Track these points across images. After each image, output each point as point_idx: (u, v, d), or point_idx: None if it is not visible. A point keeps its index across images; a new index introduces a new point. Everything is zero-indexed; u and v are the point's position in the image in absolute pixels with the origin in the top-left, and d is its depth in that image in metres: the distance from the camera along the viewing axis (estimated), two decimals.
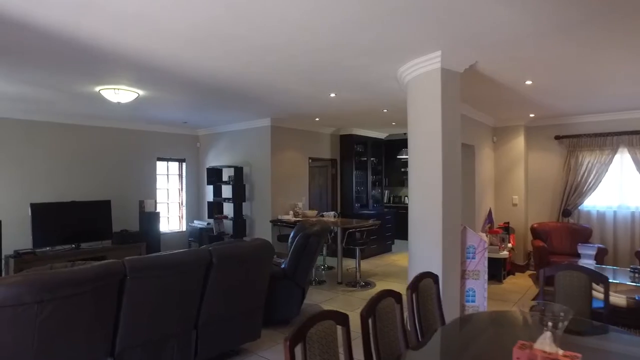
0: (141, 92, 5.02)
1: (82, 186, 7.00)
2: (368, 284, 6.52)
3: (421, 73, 3.98)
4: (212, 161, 8.53)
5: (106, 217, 6.56)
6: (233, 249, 3.31)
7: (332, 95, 5.30)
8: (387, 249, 9.12)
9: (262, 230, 7.58)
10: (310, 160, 8.31)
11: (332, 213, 8.01)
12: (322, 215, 7.99)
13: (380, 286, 6.44)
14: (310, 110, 6.51)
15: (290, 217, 7.48)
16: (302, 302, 4.77)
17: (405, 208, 11.52)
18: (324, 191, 9.08)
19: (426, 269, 3.88)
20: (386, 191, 10.48)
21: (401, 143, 10.66)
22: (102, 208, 6.53)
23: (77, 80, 4.48)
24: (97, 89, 4.78)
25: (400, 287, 6.57)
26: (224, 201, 7.75)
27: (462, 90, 4.11)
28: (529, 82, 4.67)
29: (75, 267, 2.50)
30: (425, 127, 4.00)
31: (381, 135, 9.83)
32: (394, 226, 9.56)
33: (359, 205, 9.12)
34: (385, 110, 6.50)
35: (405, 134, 11.05)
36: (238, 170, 7.55)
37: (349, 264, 7.19)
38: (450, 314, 3.78)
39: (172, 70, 4.15)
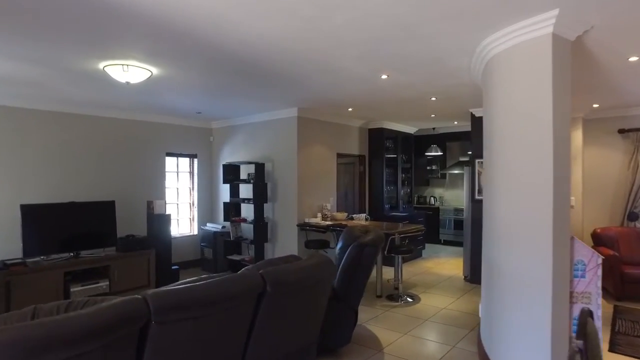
0: (155, 71, 4.14)
1: (81, 185, 6.11)
2: (411, 298, 5.66)
3: (520, 42, 3.10)
4: (228, 157, 7.64)
5: (110, 221, 5.68)
6: (290, 272, 2.45)
7: (384, 77, 4.42)
8: (418, 255, 8.26)
9: (286, 235, 6.71)
10: (337, 157, 7.43)
11: (362, 215, 7.13)
12: (352, 218, 7.11)
13: (426, 300, 5.58)
14: (347, 97, 5.63)
15: (318, 219, 6.61)
16: (354, 326, 3.90)
17: (432, 209, 10.78)
18: (350, 191, 8.20)
19: (523, 290, 3.01)
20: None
21: (429, 139, 9.81)
22: (105, 210, 5.65)
23: (78, 53, 3.59)
24: (101, 65, 3.89)
25: (448, 301, 5.44)
26: (243, 202, 6.87)
27: None
28: (633, 58, 3.79)
29: (72, 311, 1.61)
30: (524, 111, 3.12)
31: (411, 129, 8.95)
32: (426, 230, 8.68)
33: (388, 206, 8.25)
34: (433, 99, 5.63)
35: (434, 128, 10.28)
36: (259, 167, 6.67)
37: (385, 273, 6.32)
38: (559, 348, 2.94)
39: (203, 38, 3.26)
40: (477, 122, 6.50)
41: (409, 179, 9.04)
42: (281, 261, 3.16)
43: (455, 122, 8.11)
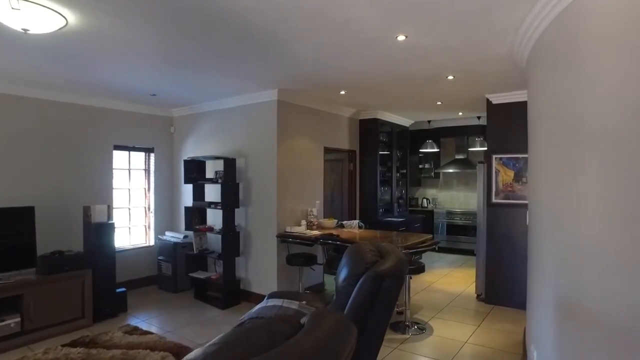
0: (72, 18, 2.81)
1: None
2: (421, 328, 4.50)
3: None
4: (192, 151, 6.31)
5: (27, 233, 4.29)
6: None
7: (400, 37, 3.23)
8: None
9: (263, 248, 5.44)
10: (324, 151, 6.21)
11: (355, 222, 5.94)
12: (342, 226, 5.91)
13: (440, 330, 4.43)
14: (342, 74, 4.42)
15: (302, 228, 5.36)
16: None
17: (425, 212, 9.66)
18: (337, 192, 7.00)
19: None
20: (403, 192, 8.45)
21: (422, 134, 8.71)
22: (20, 219, 4.26)
23: None
24: None
25: (467, 331, 4.07)
26: (209, 206, 5.55)
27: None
28: None
29: None
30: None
31: (407, 122, 7.82)
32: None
33: (382, 210, 7.09)
34: (450, 78, 4.48)
35: (429, 122, 9.17)
36: (229, 164, 5.38)
37: None
38: None
39: None
40: (495, 111, 5.40)
41: (404, 178, 7.90)
42: (269, 311, 1.93)
43: (460, 113, 7.02)
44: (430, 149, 8.38)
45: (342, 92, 5.31)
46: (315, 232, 5.22)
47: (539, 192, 3.02)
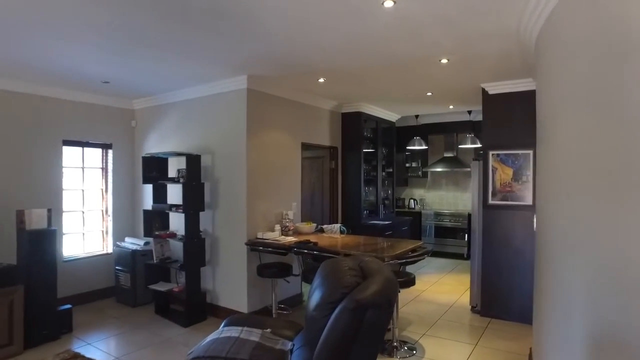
0: None
1: None
2: (412, 348, 3.92)
3: None
4: (156, 147, 5.62)
5: None
6: None
7: (388, 3, 2.62)
8: None
9: (232, 257, 4.80)
10: (302, 148, 5.59)
11: (336, 227, 5.34)
12: (322, 230, 5.30)
13: (434, 351, 3.85)
14: (320, 56, 3.81)
15: (276, 234, 4.73)
16: None
17: (412, 214, 9.06)
18: (318, 193, 6.39)
19: None
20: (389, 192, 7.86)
21: (409, 131, 8.16)
22: None
23: None
24: None
25: (464, 352, 3.11)
26: (171, 209, 4.88)
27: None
28: None
29: None
30: None
31: (393, 117, 7.24)
32: (408, 238, 7.02)
33: (367, 212, 6.51)
34: (444, 61, 3.90)
35: (417, 117, 8.58)
36: (193, 161, 4.73)
37: None
38: None
39: None
40: (491, 103, 4.85)
41: (390, 178, 7.33)
42: (222, 345, 1.34)
43: (451, 107, 6.47)
44: (418, 145, 7.83)
45: (321, 80, 4.70)
46: (291, 239, 4.60)
47: (558, 195, 2.45)
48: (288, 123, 5.27)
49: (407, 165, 8.97)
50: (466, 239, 8.01)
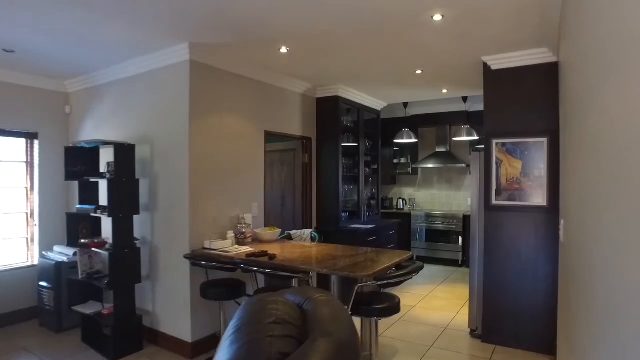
0: None
1: None
2: None
3: None
4: (91, 137, 4.64)
5: None
6: None
7: None
8: None
9: (174, 271, 3.84)
10: (266, 137, 4.65)
11: (306, 232, 4.41)
12: (290, 237, 4.37)
13: None
14: (280, 13, 2.87)
15: (228, 244, 3.78)
16: None
17: (401, 215, 6.62)
18: (289, 192, 5.45)
19: None
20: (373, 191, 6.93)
21: (399, 123, 7.27)
22: None
23: None
24: None
25: None
26: (96, 212, 3.90)
27: None
28: None
29: None
30: None
31: (378, 104, 6.32)
32: (397, 245, 6.13)
33: (346, 214, 5.58)
34: (436, 18, 2.97)
35: (406, 105, 7.63)
36: (124, 152, 3.77)
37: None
38: None
39: None
40: (495, 80, 3.95)
41: (374, 175, 6.42)
42: None
43: (445, 91, 5.56)
44: (407, 138, 6.92)
45: (283, 50, 3.75)
46: (246, 249, 3.66)
47: (610, 196, 1.53)
48: (247, 107, 4.32)
49: (395, 161, 8.07)
50: (460, 243, 7.13)
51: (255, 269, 2.91)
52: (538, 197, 3.65)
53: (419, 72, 4.45)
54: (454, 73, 4.56)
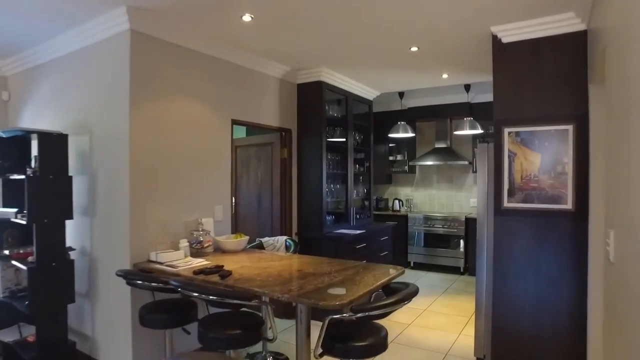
0: None
1: None
2: None
3: None
4: (33, 126, 3.91)
5: None
6: None
7: None
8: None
9: (113, 289, 3.13)
10: (232, 126, 3.94)
11: (281, 240, 3.70)
12: (261, 246, 3.67)
13: None
14: None
15: (179, 255, 3.06)
16: None
17: (397, 217, 5.30)
18: (265, 192, 4.73)
19: None
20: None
21: (393, 116, 6.60)
22: None
23: None
24: None
25: None
26: (16, 216, 3.18)
27: None
28: None
29: None
30: None
31: (369, 93, 5.61)
32: (391, 251, 5.43)
33: (332, 218, 4.88)
34: None
35: (401, 95, 6.56)
36: (51, 143, 3.05)
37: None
38: None
39: None
40: (507, 56, 3.24)
41: (366, 173, 5.71)
42: None
43: (445, 76, 4.84)
44: (403, 132, 6.22)
45: (247, 18, 3.04)
46: (200, 262, 2.96)
47: None
48: (209, 91, 3.61)
49: (391, 158, 7.36)
50: (462, 249, 6.43)
51: (195, 293, 2.20)
52: (561, 199, 2.94)
53: (414, 49, 3.73)
54: (456, 51, 3.85)
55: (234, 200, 5.02)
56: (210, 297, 2.16)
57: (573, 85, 2.90)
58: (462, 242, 6.46)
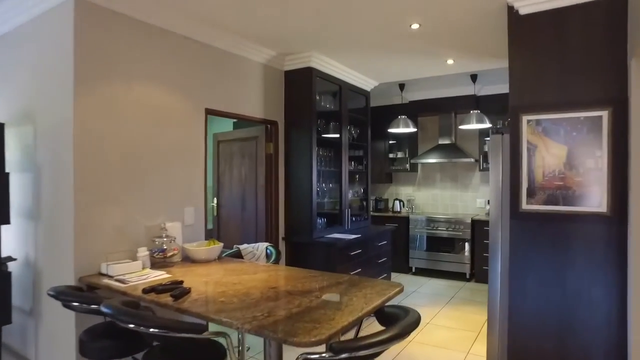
0: None
1: None
2: None
3: None
4: None
5: None
6: None
7: None
8: None
9: (58, 307, 2.64)
10: (207, 117, 3.44)
11: (262, 247, 3.21)
12: (237, 253, 3.18)
13: None
14: None
15: (134, 268, 2.57)
16: None
17: (398, 219, 3.87)
18: (250, 192, 4.24)
19: None
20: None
21: (394, 110, 6.11)
22: None
23: None
24: None
25: None
26: None
27: None
28: None
29: None
30: None
31: (366, 83, 5.11)
32: (390, 258, 4.94)
33: (323, 221, 4.38)
34: None
35: (402, 87, 4.96)
36: None
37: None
38: None
39: None
40: (526, 31, 2.74)
41: (363, 171, 5.21)
42: None
43: (450, 61, 4.33)
44: (404, 127, 5.71)
45: None
46: (159, 275, 2.47)
47: None
48: (177, 76, 3.12)
49: (391, 155, 6.86)
50: (467, 253, 5.93)
51: (131, 326, 1.70)
52: (594, 200, 2.44)
53: (415, 26, 3.23)
54: (464, 28, 3.34)
55: (215, 202, 4.55)
56: (150, 329, 1.66)
57: (608, 61, 2.40)
58: (467, 245, 5.96)
